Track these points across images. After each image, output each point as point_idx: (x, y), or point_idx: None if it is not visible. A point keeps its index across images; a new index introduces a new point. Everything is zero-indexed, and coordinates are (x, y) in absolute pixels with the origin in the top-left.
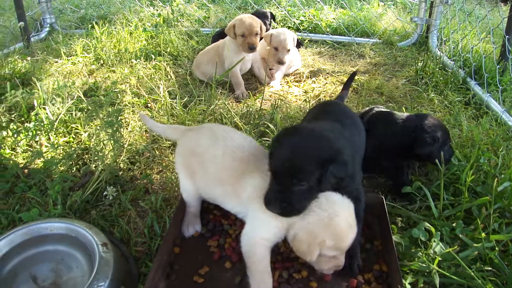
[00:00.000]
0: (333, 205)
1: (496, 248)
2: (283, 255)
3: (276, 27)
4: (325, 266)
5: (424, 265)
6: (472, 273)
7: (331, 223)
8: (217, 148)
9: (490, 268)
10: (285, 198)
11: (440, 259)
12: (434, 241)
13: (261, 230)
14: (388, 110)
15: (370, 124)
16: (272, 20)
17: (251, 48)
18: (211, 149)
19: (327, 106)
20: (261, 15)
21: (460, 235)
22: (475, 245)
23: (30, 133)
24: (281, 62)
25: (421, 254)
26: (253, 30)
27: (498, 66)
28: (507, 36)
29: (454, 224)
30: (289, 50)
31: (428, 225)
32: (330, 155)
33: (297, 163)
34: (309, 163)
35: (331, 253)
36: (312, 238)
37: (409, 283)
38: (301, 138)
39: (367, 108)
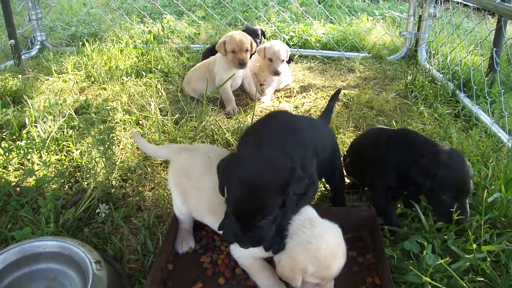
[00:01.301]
0: (315, 229)
1: (488, 259)
2: None
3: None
4: None
5: (417, 277)
6: (464, 284)
7: (311, 249)
8: (212, 179)
9: (482, 279)
10: (252, 233)
11: (432, 271)
12: (426, 253)
13: (249, 250)
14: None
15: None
16: (262, 37)
17: (242, 64)
18: (205, 179)
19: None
20: (251, 32)
21: (451, 247)
22: (466, 256)
23: (22, 151)
24: (276, 73)
25: (413, 266)
26: (243, 46)
27: (486, 78)
28: (495, 49)
29: (445, 236)
30: (283, 60)
31: (421, 237)
32: (286, 178)
33: (259, 202)
34: (270, 197)
35: (315, 280)
36: (294, 263)
37: None
38: (254, 171)
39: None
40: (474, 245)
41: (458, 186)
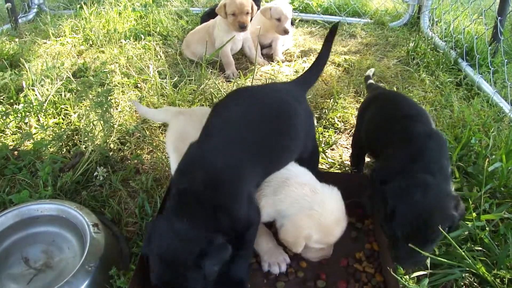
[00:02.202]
0: (317, 196)
1: (487, 228)
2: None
3: None
4: (312, 255)
5: None
6: (463, 253)
7: (315, 215)
8: None
9: (480, 248)
10: None
11: None
12: None
13: None
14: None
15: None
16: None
17: (242, 27)
18: None
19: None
20: None
21: None
22: (466, 222)
23: (19, 115)
24: (286, 32)
25: None
26: (244, 9)
27: (489, 48)
28: (499, 18)
29: None
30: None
31: None
32: (201, 251)
33: (177, 278)
34: (187, 273)
35: (318, 246)
36: (298, 231)
37: None
38: (168, 247)
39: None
40: (474, 214)
41: (415, 226)
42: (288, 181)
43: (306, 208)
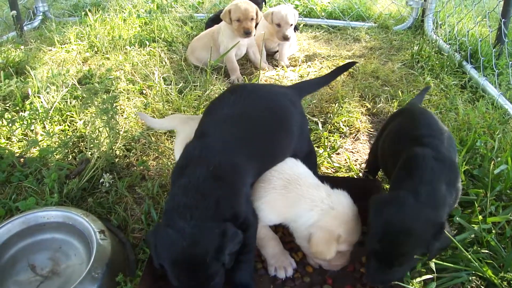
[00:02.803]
0: (333, 197)
1: (493, 231)
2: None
3: None
4: (338, 262)
5: None
6: (469, 256)
7: (339, 215)
8: None
9: (487, 251)
10: None
11: None
12: None
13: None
14: None
15: None
16: (264, 3)
17: (247, 33)
18: None
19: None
20: (255, 0)
21: (457, 218)
22: (472, 225)
23: (25, 122)
24: (285, 38)
25: None
26: (248, 15)
27: (494, 50)
28: (503, 20)
29: None
30: (291, 25)
31: None
32: (219, 243)
33: (201, 277)
34: (209, 269)
35: (343, 248)
36: (328, 233)
37: None
38: (184, 251)
39: None
40: (480, 217)
41: (382, 245)
42: (300, 181)
43: (327, 209)
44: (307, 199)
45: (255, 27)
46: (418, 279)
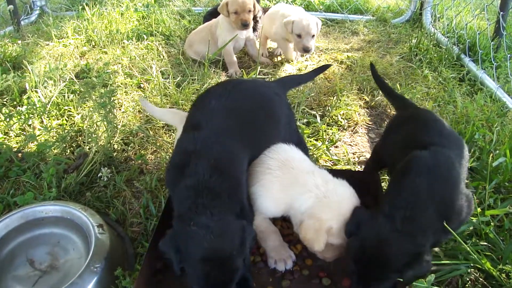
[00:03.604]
0: (330, 185)
1: (492, 223)
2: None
3: (269, 6)
4: (329, 254)
5: None
6: (468, 248)
7: (333, 204)
8: None
9: (485, 243)
10: None
11: None
12: None
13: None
14: None
15: None
16: None
17: (245, 25)
18: None
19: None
20: None
21: None
22: (471, 218)
23: (23, 117)
24: (306, 50)
25: None
26: (246, 7)
27: (492, 43)
28: (501, 13)
29: None
30: (313, 35)
31: None
32: (242, 240)
33: (228, 274)
34: (235, 264)
35: (336, 241)
36: (318, 223)
37: None
38: (212, 248)
39: None
40: (479, 209)
41: (359, 270)
42: (293, 164)
43: (321, 197)
44: (300, 183)
45: (253, 19)
46: None
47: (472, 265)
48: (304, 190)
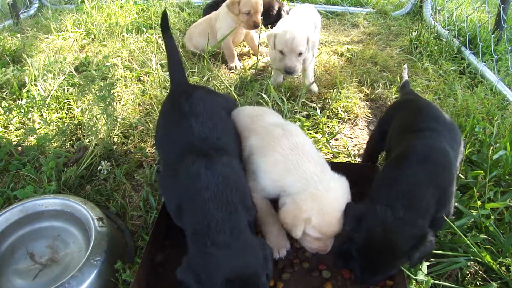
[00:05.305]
0: (324, 177)
1: (492, 216)
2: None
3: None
4: (308, 245)
5: None
6: (468, 241)
7: (318, 198)
8: None
9: (485, 236)
10: None
11: None
12: None
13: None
14: None
15: None
16: None
17: (256, 27)
18: None
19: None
20: None
21: (456, 204)
22: (471, 211)
23: (22, 110)
24: (288, 71)
25: None
26: (258, 8)
27: (493, 35)
28: (502, 5)
29: None
30: (300, 53)
31: None
32: (265, 256)
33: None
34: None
35: (315, 234)
36: (298, 211)
37: None
38: (239, 267)
39: None
40: (479, 202)
41: (365, 260)
42: (304, 149)
43: (311, 186)
44: (300, 170)
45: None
46: None
47: (472, 258)
48: (300, 177)
